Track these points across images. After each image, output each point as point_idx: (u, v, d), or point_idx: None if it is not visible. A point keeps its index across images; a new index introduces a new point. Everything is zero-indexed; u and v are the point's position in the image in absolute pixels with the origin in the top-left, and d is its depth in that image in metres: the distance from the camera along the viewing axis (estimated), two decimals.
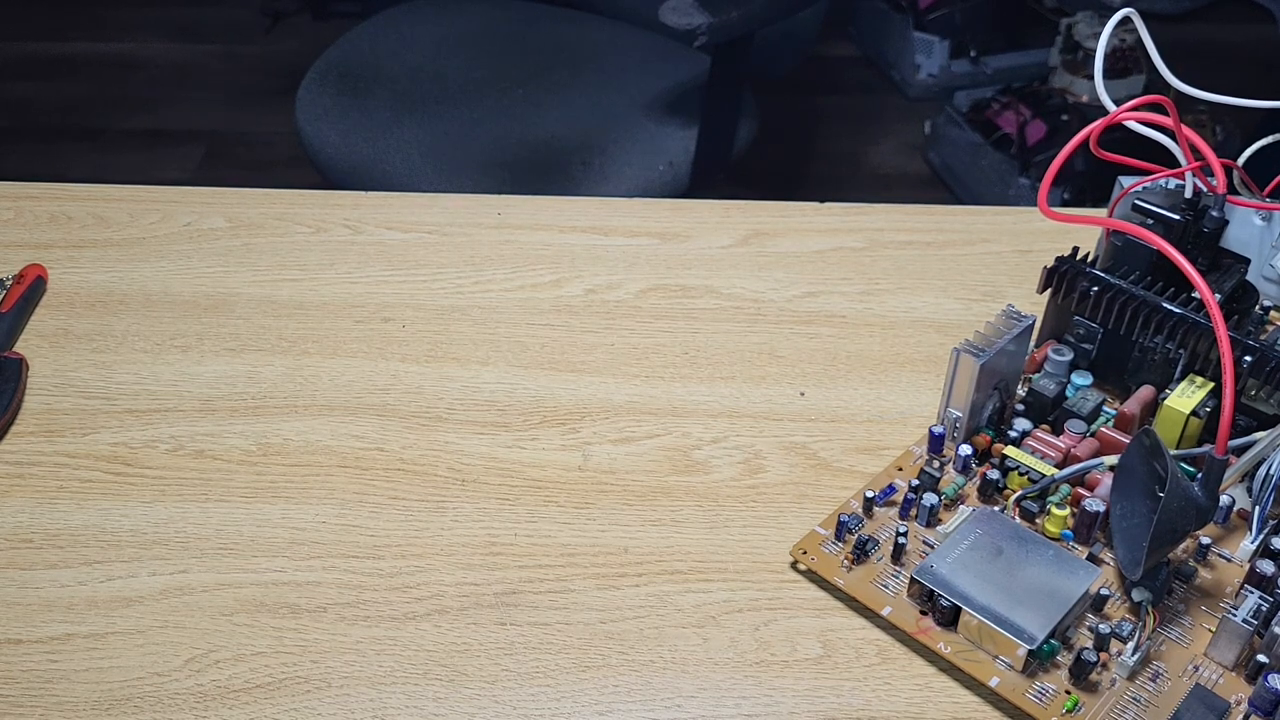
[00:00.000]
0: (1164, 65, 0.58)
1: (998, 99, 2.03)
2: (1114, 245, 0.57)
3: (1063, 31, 1.98)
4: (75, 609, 0.48)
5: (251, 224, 0.72)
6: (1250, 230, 0.58)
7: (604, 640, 0.48)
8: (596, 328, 0.65)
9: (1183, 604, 0.49)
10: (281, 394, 0.59)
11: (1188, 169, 0.55)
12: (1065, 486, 0.52)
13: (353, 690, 0.46)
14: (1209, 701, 0.44)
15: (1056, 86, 1.99)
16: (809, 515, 0.53)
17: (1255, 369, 0.51)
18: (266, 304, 0.66)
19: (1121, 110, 0.54)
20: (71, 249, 0.69)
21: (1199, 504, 0.46)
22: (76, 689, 0.45)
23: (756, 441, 0.58)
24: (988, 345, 0.53)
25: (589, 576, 0.51)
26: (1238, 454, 0.50)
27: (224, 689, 0.46)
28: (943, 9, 2.19)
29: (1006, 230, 0.74)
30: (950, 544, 0.49)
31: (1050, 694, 0.45)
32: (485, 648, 0.48)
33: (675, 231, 0.73)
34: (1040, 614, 0.46)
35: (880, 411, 0.60)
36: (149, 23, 2.41)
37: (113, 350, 0.62)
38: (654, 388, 0.61)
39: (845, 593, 0.49)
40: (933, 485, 0.53)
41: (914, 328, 0.65)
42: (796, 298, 0.67)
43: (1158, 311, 0.54)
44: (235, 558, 0.51)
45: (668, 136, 1.27)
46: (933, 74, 2.23)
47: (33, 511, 0.53)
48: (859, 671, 0.47)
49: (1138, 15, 0.55)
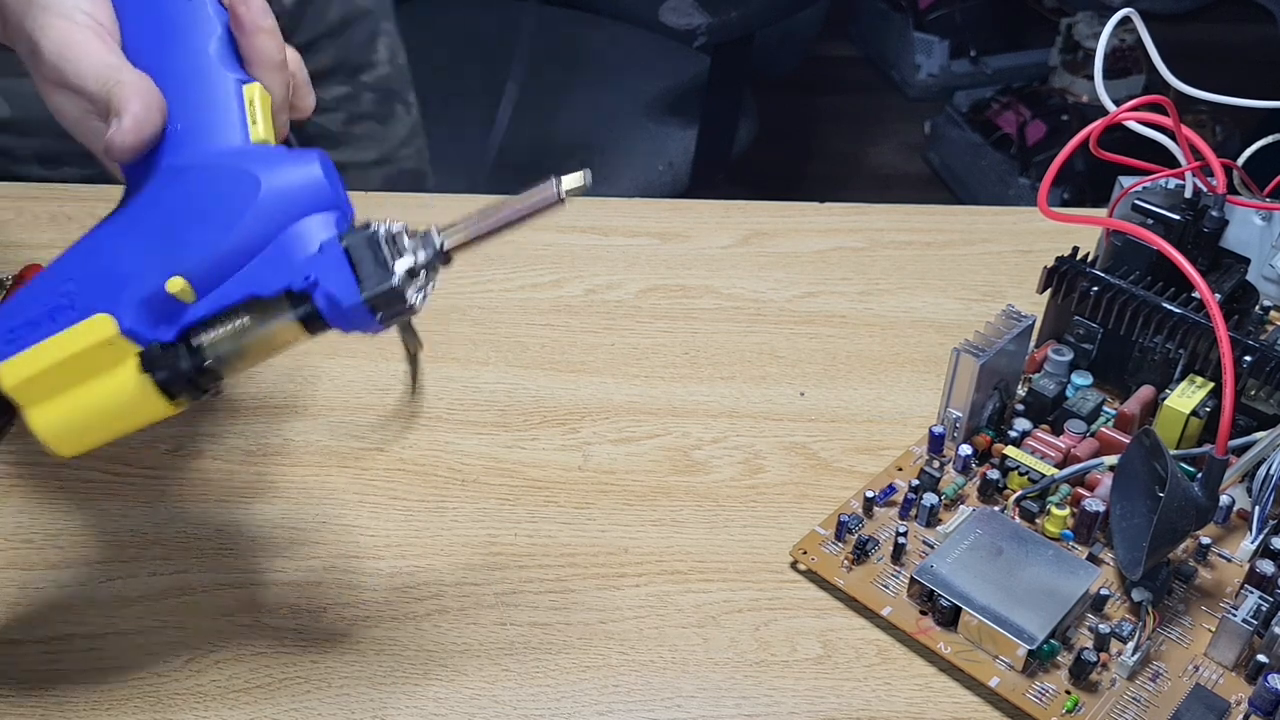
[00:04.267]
0: (1164, 65, 0.58)
1: (998, 99, 2.04)
2: (1114, 245, 0.57)
3: (1063, 31, 1.98)
4: (75, 609, 0.48)
5: None
6: (1250, 230, 0.58)
7: (604, 640, 0.48)
8: (596, 328, 0.65)
9: (1183, 604, 0.49)
10: (281, 394, 0.59)
11: (1188, 169, 0.55)
12: (1065, 486, 0.52)
13: (353, 690, 0.46)
14: (1209, 701, 0.44)
15: (1056, 86, 1.99)
16: (809, 515, 0.53)
17: (1255, 369, 0.51)
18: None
19: (1121, 110, 0.54)
20: None
21: (1199, 504, 0.46)
22: (76, 689, 0.45)
23: (756, 441, 0.58)
24: (988, 345, 0.53)
25: (589, 576, 0.51)
26: (1238, 454, 0.50)
27: (224, 689, 0.46)
28: (943, 9, 2.19)
29: (1006, 230, 0.74)
30: (950, 544, 0.49)
31: (1050, 694, 0.45)
32: (485, 648, 0.48)
33: (675, 231, 0.72)
34: (1040, 614, 0.46)
35: (880, 411, 0.60)
36: None
37: None
38: (654, 388, 0.61)
39: (845, 593, 0.49)
40: (933, 485, 0.53)
41: (914, 328, 0.65)
42: (796, 298, 0.67)
43: (1158, 311, 0.54)
44: (235, 558, 0.51)
45: (668, 136, 1.27)
46: (933, 74, 2.23)
47: (33, 511, 0.53)
48: (859, 671, 0.47)
49: (1138, 15, 0.55)
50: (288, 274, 0.37)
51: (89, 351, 0.37)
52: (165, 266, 0.37)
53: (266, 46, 0.41)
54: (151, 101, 0.38)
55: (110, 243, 0.39)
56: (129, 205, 0.39)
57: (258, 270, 0.37)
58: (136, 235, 0.38)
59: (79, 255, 0.39)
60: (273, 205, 0.37)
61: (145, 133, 0.38)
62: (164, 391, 0.38)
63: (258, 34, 0.41)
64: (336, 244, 0.37)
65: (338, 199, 0.38)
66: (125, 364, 0.38)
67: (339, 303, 0.37)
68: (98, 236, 0.39)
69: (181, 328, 0.37)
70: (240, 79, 0.40)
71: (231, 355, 0.38)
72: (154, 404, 0.38)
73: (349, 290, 0.37)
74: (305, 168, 0.38)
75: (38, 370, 0.37)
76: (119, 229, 0.39)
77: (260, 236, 0.37)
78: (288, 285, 0.37)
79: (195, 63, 0.40)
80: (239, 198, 0.37)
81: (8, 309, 0.39)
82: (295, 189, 0.38)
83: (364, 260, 0.37)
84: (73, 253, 0.39)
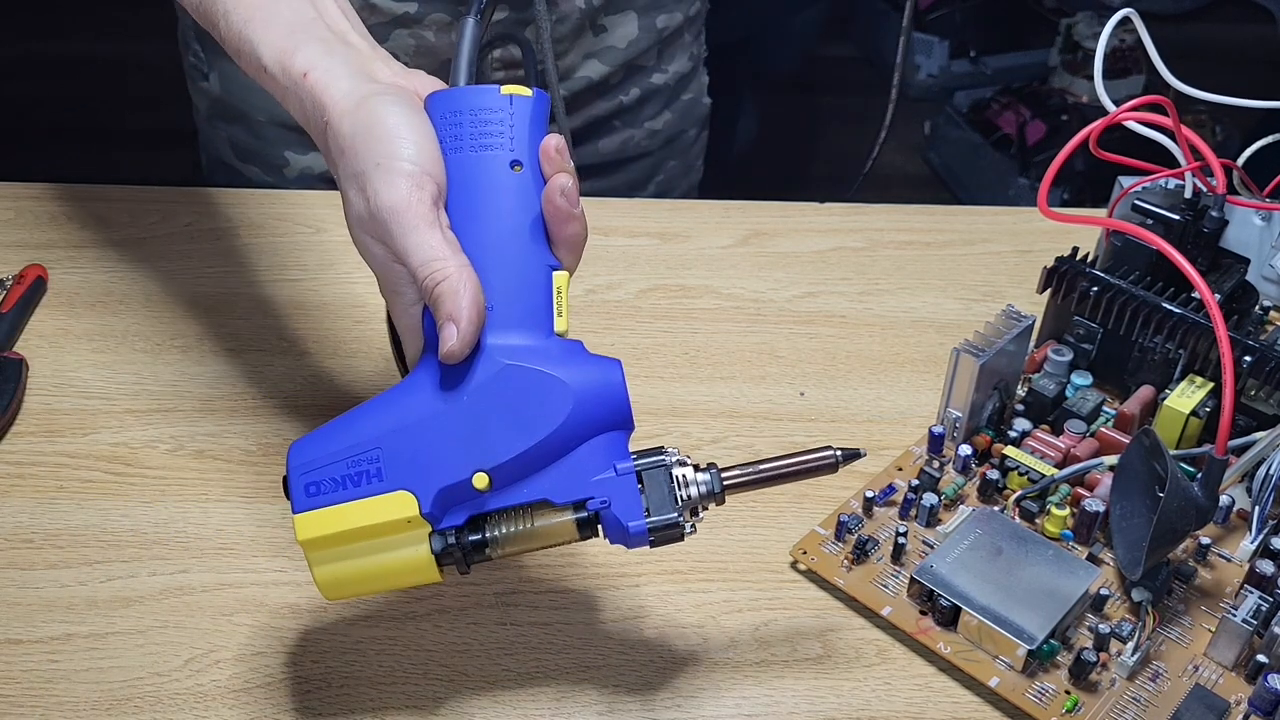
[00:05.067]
0: (1164, 65, 0.58)
1: (998, 99, 2.03)
2: (1114, 245, 0.57)
3: (1063, 31, 1.98)
4: (75, 609, 0.48)
5: (251, 224, 0.72)
6: (1250, 230, 0.58)
7: (604, 640, 0.48)
8: (596, 328, 0.65)
9: (1183, 604, 0.49)
10: (281, 394, 0.59)
11: (1187, 169, 0.55)
12: (1065, 486, 0.52)
13: (353, 690, 0.46)
14: (1209, 701, 0.44)
15: (1056, 86, 1.99)
16: (809, 515, 0.53)
17: (1255, 369, 0.51)
18: (266, 304, 0.65)
19: (1121, 110, 0.54)
20: (71, 249, 0.69)
21: (1199, 504, 0.46)
22: (76, 689, 0.45)
23: (756, 441, 0.58)
24: (988, 345, 0.53)
25: (589, 576, 0.51)
26: (1238, 454, 0.50)
27: (224, 689, 0.46)
28: (943, 9, 2.19)
29: (1006, 230, 0.74)
30: (950, 544, 0.49)
31: (1050, 694, 0.45)
32: (485, 648, 0.48)
33: (675, 231, 0.72)
34: (1040, 614, 0.46)
35: (880, 411, 0.60)
36: (149, 23, 2.41)
37: (113, 350, 0.62)
38: (654, 388, 0.61)
39: (845, 593, 0.49)
40: (933, 485, 0.53)
41: (914, 328, 0.65)
42: (796, 298, 0.67)
43: (1158, 311, 0.54)
44: (235, 558, 0.51)
45: None
46: (933, 74, 2.23)
47: (33, 511, 0.53)
48: (859, 671, 0.47)
49: (1138, 15, 0.55)
50: (583, 489, 0.40)
51: (389, 525, 0.39)
52: (472, 461, 0.39)
53: (577, 233, 0.41)
54: (480, 307, 0.39)
55: (421, 423, 0.40)
56: (441, 389, 0.40)
57: (556, 478, 0.40)
58: (448, 424, 0.39)
59: (388, 422, 0.40)
60: (579, 416, 0.40)
61: (475, 339, 0.39)
62: (438, 564, 0.40)
63: (571, 221, 0.41)
64: (632, 472, 0.40)
65: (629, 415, 0.41)
66: (418, 542, 0.40)
67: (625, 527, 0.39)
68: (407, 409, 0.40)
69: (472, 514, 0.40)
70: (552, 266, 0.41)
71: (505, 542, 0.40)
72: (428, 574, 0.40)
73: (636, 516, 0.40)
74: (610, 381, 0.40)
75: (336, 531, 0.39)
76: (431, 411, 0.40)
77: (564, 444, 0.40)
78: (581, 499, 0.40)
79: (513, 242, 0.41)
80: (549, 407, 0.40)
81: (310, 452, 0.40)
82: (600, 402, 0.40)
83: (654, 491, 0.40)
84: (381, 416, 0.40)
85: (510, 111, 0.41)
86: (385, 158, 0.40)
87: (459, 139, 0.41)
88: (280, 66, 0.42)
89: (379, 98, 0.41)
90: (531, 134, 0.41)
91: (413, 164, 0.40)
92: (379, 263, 0.41)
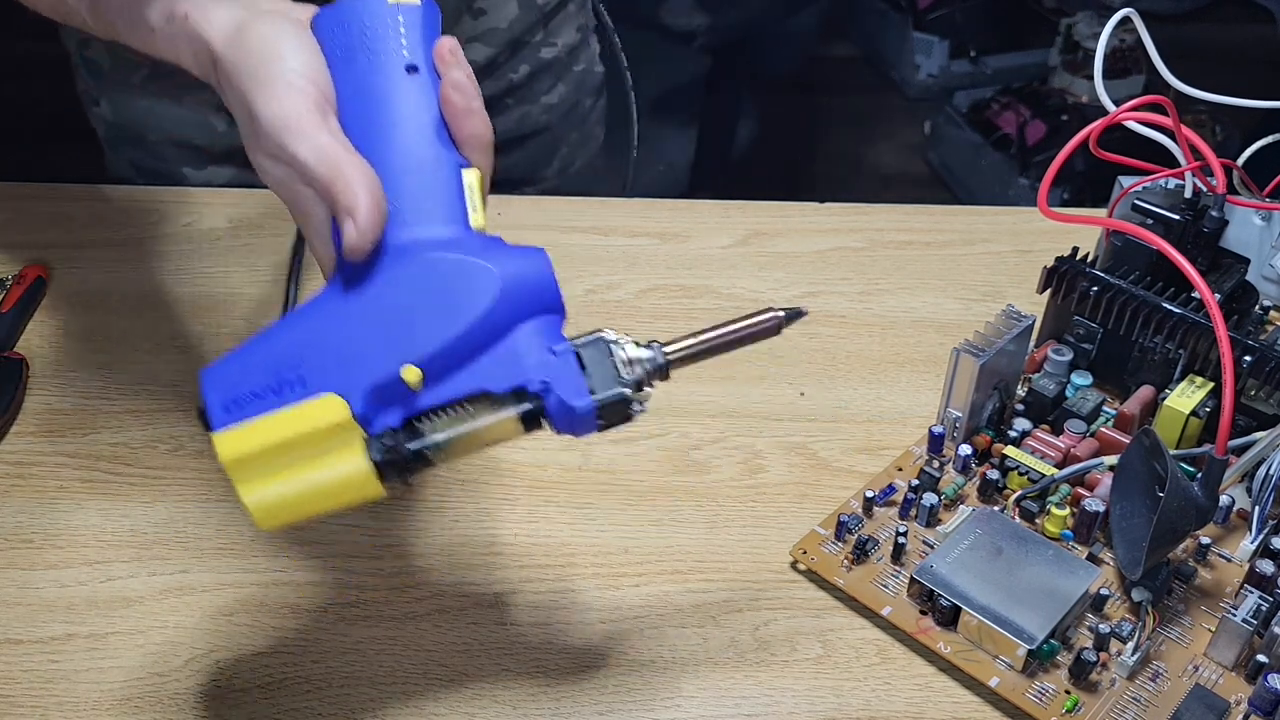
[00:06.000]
0: (1164, 65, 0.58)
1: (998, 99, 2.03)
2: (1114, 245, 0.57)
3: (1063, 31, 1.98)
4: (75, 609, 0.48)
5: (251, 224, 0.72)
6: (1250, 230, 0.58)
7: (604, 640, 0.48)
8: (596, 327, 0.64)
9: (1183, 604, 0.49)
10: None
11: (1187, 169, 0.55)
12: (1065, 486, 0.52)
13: (353, 690, 0.46)
14: (1209, 701, 0.44)
15: (1056, 86, 1.99)
16: (809, 515, 0.53)
17: (1255, 369, 0.51)
18: (266, 304, 0.65)
19: (1121, 110, 0.54)
20: (71, 249, 0.69)
21: (1199, 504, 0.46)
22: (77, 689, 0.45)
23: (756, 441, 0.58)
24: (988, 345, 0.53)
25: (589, 576, 0.51)
26: (1238, 454, 0.50)
27: (224, 689, 0.46)
28: (943, 9, 2.19)
29: (1006, 230, 0.74)
30: (950, 544, 0.49)
31: (1050, 694, 0.45)
32: (485, 648, 0.48)
33: (675, 231, 0.72)
34: (1040, 614, 0.46)
35: (880, 411, 0.60)
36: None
37: (113, 350, 0.62)
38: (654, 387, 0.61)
39: (845, 593, 0.49)
40: (933, 485, 0.53)
41: (914, 328, 0.65)
42: (796, 298, 0.67)
43: (1158, 311, 0.54)
44: (235, 558, 0.51)
45: (668, 137, 1.27)
46: (933, 74, 2.23)
47: (33, 511, 0.53)
48: (859, 671, 0.47)
49: (1138, 15, 0.55)
50: (520, 373, 0.38)
51: (319, 433, 0.37)
52: (399, 354, 0.37)
53: (478, 129, 0.41)
54: (377, 196, 0.38)
55: (341, 324, 0.38)
56: (358, 288, 0.39)
57: (490, 366, 0.38)
58: (369, 320, 0.38)
59: (305, 331, 0.39)
60: (507, 302, 0.38)
61: (377, 231, 0.38)
62: (379, 475, 0.38)
63: (470, 116, 0.40)
64: (570, 350, 0.38)
65: (560, 300, 0.39)
66: (352, 447, 0.37)
67: (571, 407, 0.38)
68: (324, 314, 0.39)
69: (407, 415, 0.38)
70: (460, 164, 0.40)
71: (448, 445, 0.38)
72: (369, 487, 0.38)
73: (581, 395, 0.38)
74: (536, 266, 0.39)
75: (262, 446, 0.37)
76: (349, 310, 0.38)
77: (493, 332, 0.38)
78: (521, 384, 0.38)
79: (415, 143, 0.40)
80: (475, 292, 0.38)
81: (225, 375, 0.38)
82: (527, 287, 0.38)
83: (596, 368, 0.38)
84: (297, 326, 0.39)
85: (399, 19, 0.40)
86: (267, 72, 0.39)
87: (350, 49, 0.40)
88: (164, 19, 0.42)
89: (257, 20, 0.40)
90: (425, 39, 0.41)
91: (296, 74, 0.39)
92: (282, 185, 0.40)
